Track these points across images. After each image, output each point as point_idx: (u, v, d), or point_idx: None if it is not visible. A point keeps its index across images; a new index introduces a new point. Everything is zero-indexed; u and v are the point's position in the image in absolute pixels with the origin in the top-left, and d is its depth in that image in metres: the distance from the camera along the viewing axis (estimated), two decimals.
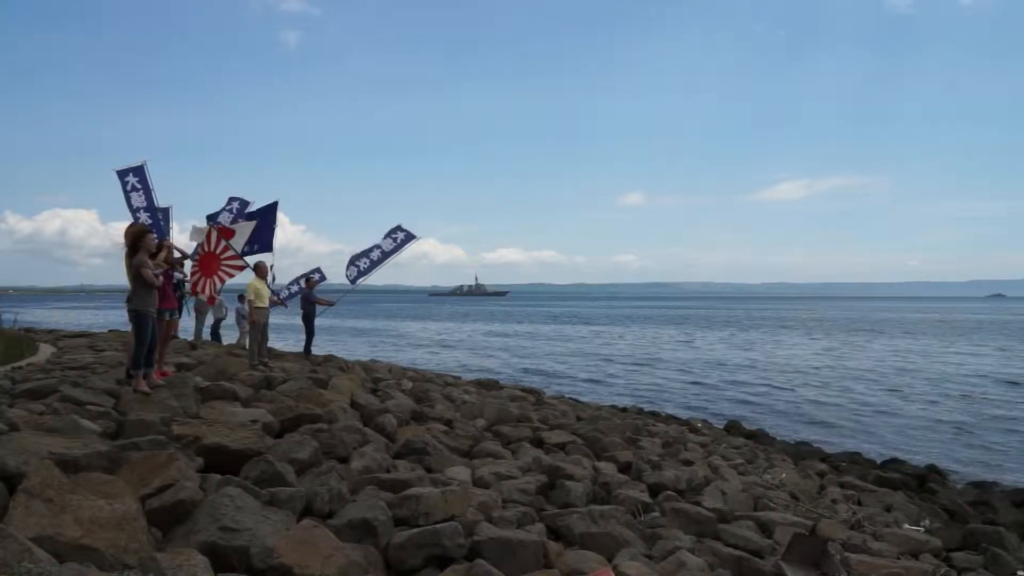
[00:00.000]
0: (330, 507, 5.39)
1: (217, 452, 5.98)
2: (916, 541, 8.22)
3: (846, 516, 9.11)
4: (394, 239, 17.29)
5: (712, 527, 7.03)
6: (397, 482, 6.12)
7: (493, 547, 5.01)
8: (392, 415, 9.08)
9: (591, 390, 25.20)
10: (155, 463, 4.98)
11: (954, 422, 19.39)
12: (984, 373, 30.90)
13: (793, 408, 21.89)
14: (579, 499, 7.06)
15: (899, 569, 6.50)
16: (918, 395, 24.49)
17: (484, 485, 6.96)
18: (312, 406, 8.35)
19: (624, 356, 38.91)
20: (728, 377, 29.57)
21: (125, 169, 14.70)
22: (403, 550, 4.83)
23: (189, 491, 4.65)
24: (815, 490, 10.86)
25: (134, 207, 14.48)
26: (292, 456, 6.20)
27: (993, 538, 8.64)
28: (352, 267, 17.09)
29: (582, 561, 5.17)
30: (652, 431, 13.35)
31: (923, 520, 9.75)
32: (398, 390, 11.86)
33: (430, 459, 7.48)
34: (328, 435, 7.11)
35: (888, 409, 21.67)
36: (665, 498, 7.80)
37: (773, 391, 25.49)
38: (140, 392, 7.66)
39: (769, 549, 6.68)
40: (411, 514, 5.39)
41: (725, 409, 21.39)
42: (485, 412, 11.40)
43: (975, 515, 10.43)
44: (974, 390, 25.52)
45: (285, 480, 5.58)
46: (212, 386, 8.70)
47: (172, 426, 6.34)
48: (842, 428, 18.78)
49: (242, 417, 7.29)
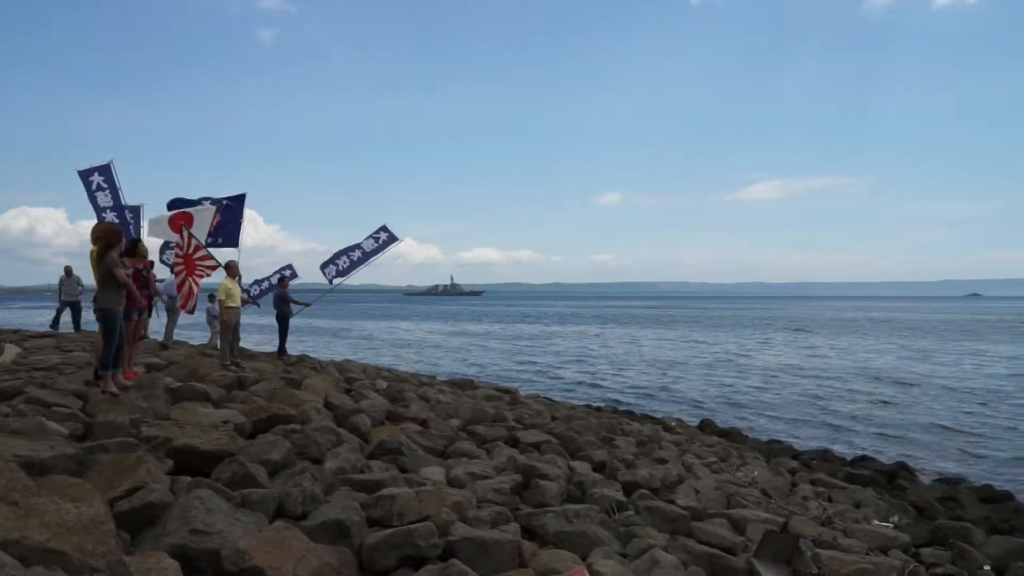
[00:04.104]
0: (303, 508, 5.34)
1: (188, 454, 5.90)
2: (885, 537, 8.35)
3: (817, 513, 9.23)
4: (376, 239, 17.05)
5: (686, 525, 7.07)
6: (371, 482, 6.08)
7: (467, 547, 5.01)
8: (366, 415, 9.03)
9: (566, 389, 25.28)
10: (124, 465, 4.90)
11: (924, 419, 19.73)
12: (956, 372, 31.45)
13: (766, 406, 22.14)
14: (554, 498, 7.06)
15: (868, 565, 6.59)
16: (888, 393, 24.88)
17: (459, 485, 6.94)
18: (285, 407, 8.28)
19: (599, 355, 39.08)
20: (702, 376, 29.83)
21: (89, 169, 14.41)
22: (377, 551, 4.81)
23: (159, 493, 4.58)
24: (787, 487, 10.99)
25: (100, 207, 14.22)
26: (264, 457, 6.14)
27: (960, 534, 8.81)
28: (331, 266, 16.86)
29: (557, 560, 5.17)
30: (626, 430, 13.42)
31: (892, 516, 9.91)
32: (372, 390, 11.79)
33: (404, 459, 7.45)
34: (301, 436, 7.05)
35: (858, 406, 22.01)
36: (639, 497, 7.83)
37: (746, 390, 25.77)
38: (108, 393, 7.54)
39: (742, 546, 6.74)
40: (385, 514, 5.36)
41: (699, 408, 21.59)
42: (460, 412, 11.38)
43: (943, 511, 10.62)
44: (945, 388, 25.97)
45: (257, 482, 5.52)
46: (183, 387, 8.58)
47: (141, 428, 6.24)
48: (813, 426, 19.04)
49: (213, 418, 7.20)
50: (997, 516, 10.52)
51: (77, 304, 17.97)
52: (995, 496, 11.83)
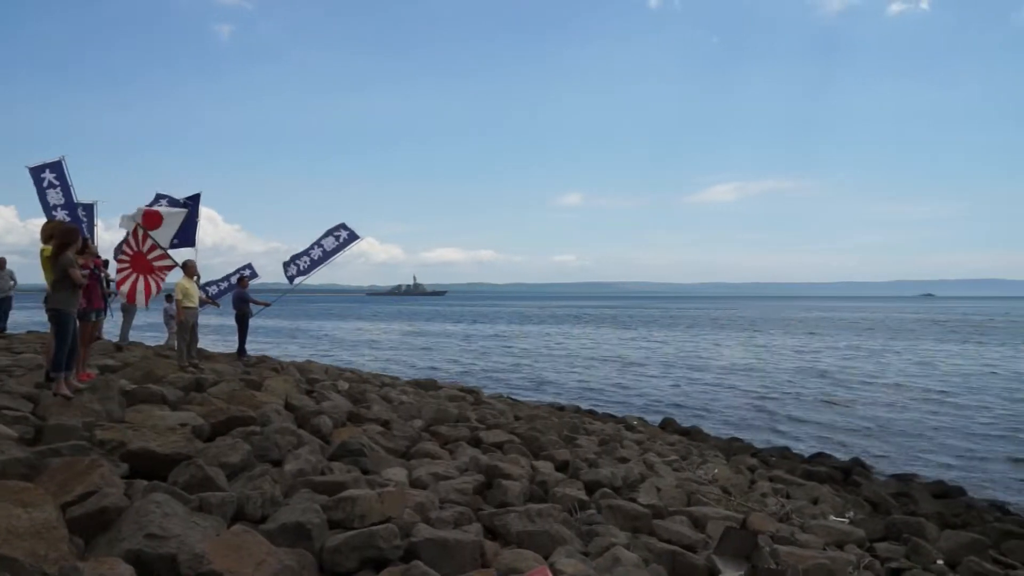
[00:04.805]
0: (263, 511, 5.27)
1: (143, 457, 5.78)
2: (841, 532, 8.53)
3: (775, 509, 9.38)
4: (336, 237, 16.88)
5: (647, 523, 7.15)
6: (332, 484, 6.02)
7: (430, 548, 4.99)
8: (328, 416, 8.94)
9: (529, 389, 25.34)
10: (77, 469, 4.80)
11: (877, 416, 20.18)
12: (909, 371, 32.22)
13: (726, 405, 22.43)
14: (516, 498, 7.08)
15: (825, 560, 6.73)
16: (845, 390, 25.39)
17: (421, 486, 6.92)
18: (244, 408, 8.17)
19: (561, 355, 39.23)
20: (663, 375, 30.14)
21: (40, 166, 14.06)
22: (338, 553, 4.77)
23: (113, 498, 4.49)
24: (746, 485, 11.15)
25: (51, 204, 13.89)
26: (223, 460, 6.04)
27: (914, 528, 9.03)
28: (292, 265, 16.67)
29: (519, 560, 5.18)
30: (589, 429, 13.50)
31: (848, 512, 10.11)
32: (334, 391, 11.68)
33: (366, 460, 7.40)
34: (261, 438, 6.96)
35: (816, 404, 22.43)
36: (601, 495, 7.89)
37: (707, 388, 26.09)
38: (61, 396, 7.37)
39: (702, 543, 6.83)
40: (346, 516, 5.32)
41: (660, 406, 21.78)
42: (423, 412, 11.34)
43: (897, 506, 10.88)
44: (895, 386, 26.58)
45: (215, 484, 5.43)
46: (138, 389, 8.41)
47: (95, 431, 6.11)
48: (772, 424, 19.33)
49: (170, 420, 7.08)
50: (949, 511, 10.81)
51: (7, 301, 16.23)
52: (947, 491, 12.15)
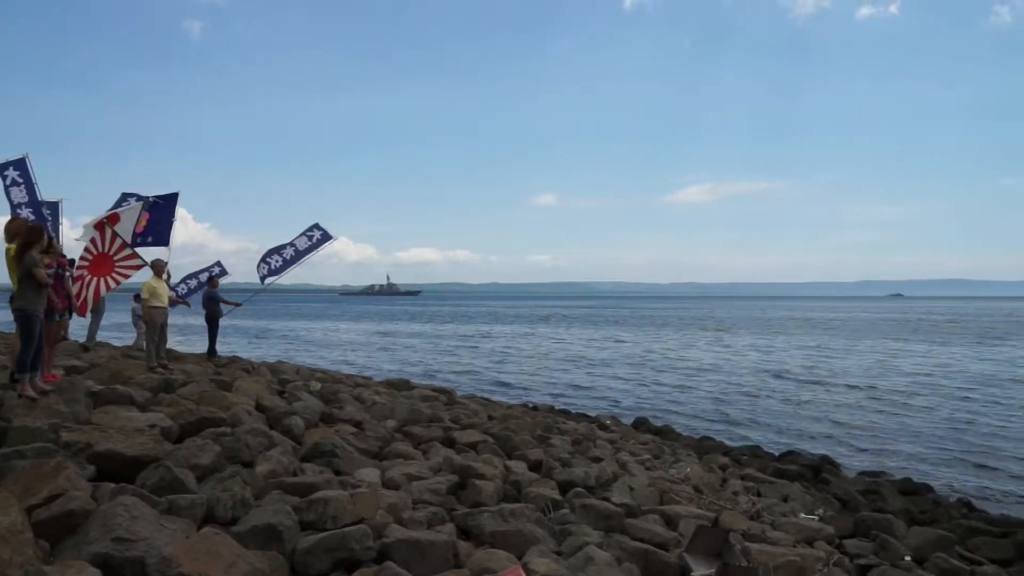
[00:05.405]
0: (233, 513, 5.22)
1: (111, 459, 5.69)
2: (811, 529, 8.63)
3: (746, 507, 9.47)
4: (310, 237, 16.72)
5: (620, 522, 7.18)
6: (304, 486, 5.98)
7: (402, 549, 4.98)
8: (299, 417, 8.87)
9: (502, 389, 25.35)
10: (42, 472, 4.71)
11: (846, 414, 20.46)
12: (875, 370, 32.70)
13: (698, 404, 22.60)
14: (490, 498, 7.08)
15: (795, 557, 6.81)
16: (814, 389, 25.72)
17: (394, 487, 6.90)
18: (215, 409, 8.08)
19: (535, 355, 39.28)
20: (637, 374, 30.28)
21: (3, 163, 13.78)
22: (310, 555, 4.74)
23: (79, 501, 4.42)
24: (718, 483, 11.24)
25: (14, 203, 13.61)
26: (193, 462, 5.97)
27: (882, 525, 9.16)
28: (263, 265, 16.49)
29: (492, 560, 5.18)
30: (562, 429, 13.52)
31: (818, 509, 10.24)
32: (306, 392, 11.58)
33: (339, 461, 7.35)
34: (232, 439, 6.88)
35: (786, 403, 22.68)
36: (575, 495, 7.91)
37: (680, 387, 26.27)
38: (26, 397, 7.22)
39: (674, 541, 6.88)
40: (318, 518, 5.29)
41: (633, 406, 21.89)
42: (396, 413, 11.29)
43: (866, 503, 11.03)
44: (866, 384, 26.96)
45: (185, 487, 5.37)
46: (105, 390, 8.27)
47: (61, 433, 6.00)
48: (744, 422, 19.52)
49: (138, 422, 6.97)
50: (917, 508, 11.01)
51: None
52: (914, 489, 12.36)
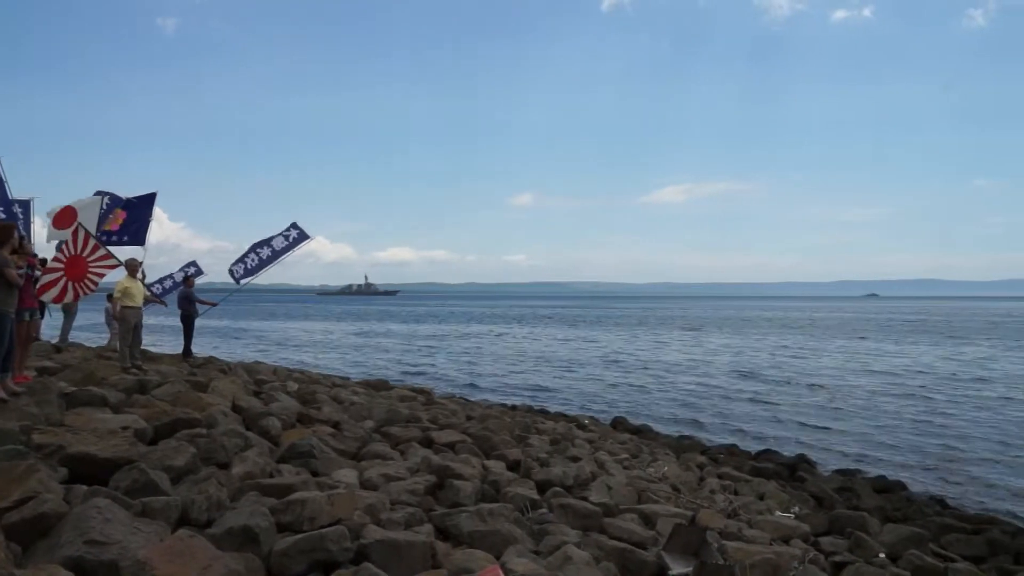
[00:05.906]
0: (208, 515, 5.17)
1: (84, 461, 5.61)
2: (787, 527, 8.72)
3: (723, 506, 9.55)
4: (287, 237, 16.61)
5: (598, 521, 7.21)
6: (281, 487, 5.94)
7: (380, 549, 4.96)
8: (276, 418, 8.80)
9: (480, 389, 25.34)
10: (13, 475, 4.64)
11: (822, 413, 20.69)
12: (850, 368, 33.10)
13: (676, 403, 22.74)
14: (468, 498, 7.07)
15: (771, 554, 6.87)
16: (790, 388, 25.98)
17: (372, 487, 6.87)
18: (190, 410, 7.98)
19: (512, 355, 39.29)
20: (614, 374, 30.41)
21: None
22: (287, 556, 4.70)
23: (52, 503, 4.36)
24: (695, 482, 11.33)
25: None
26: (167, 463, 5.90)
27: (857, 523, 9.28)
28: (239, 264, 16.36)
29: (470, 560, 5.18)
30: (541, 428, 13.54)
31: (793, 507, 10.34)
32: (283, 392, 11.50)
33: (316, 462, 7.31)
34: (207, 440, 6.81)
35: (761, 402, 22.88)
36: (553, 494, 7.93)
37: (657, 387, 26.41)
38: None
39: (652, 540, 6.92)
40: (295, 519, 5.24)
41: (611, 405, 21.98)
42: (374, 413, 11.25)
43: (841, 501, 11.16)
44: (840, 383, 27.28)
45: (159, 489, 5.30)
46: (78, 391, 8.15)
47: (33, 435, 5.90)
48: (721, 421, 19.66)
49: (112, 424, 6.88)
50: (891, 505, 11.16)
51: None
52: (888, 486, 12.52)
